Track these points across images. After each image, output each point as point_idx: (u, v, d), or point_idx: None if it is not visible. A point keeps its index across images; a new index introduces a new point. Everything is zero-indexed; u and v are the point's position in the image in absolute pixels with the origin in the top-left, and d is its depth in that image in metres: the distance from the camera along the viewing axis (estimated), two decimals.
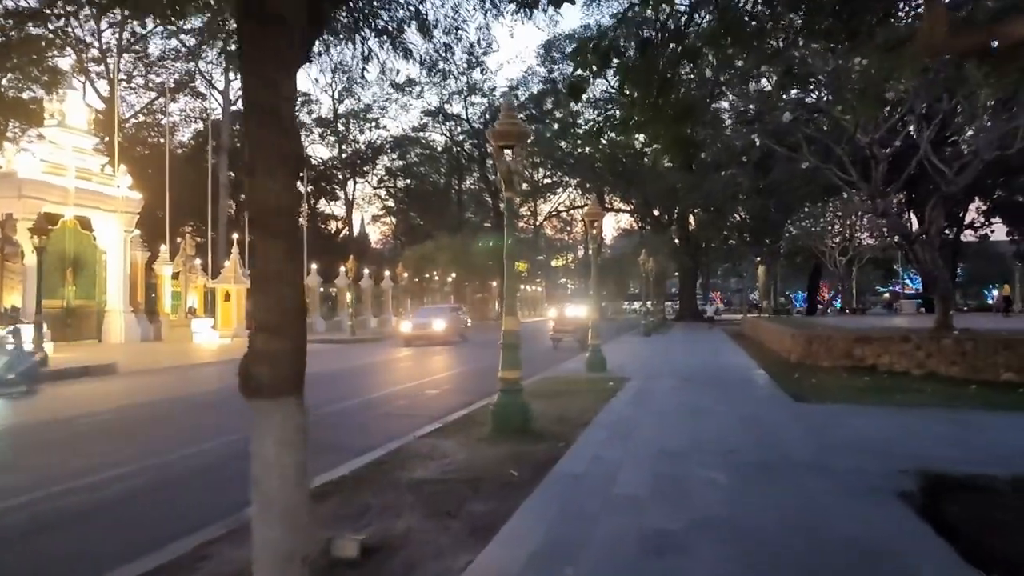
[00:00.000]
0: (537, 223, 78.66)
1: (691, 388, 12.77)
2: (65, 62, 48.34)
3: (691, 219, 56.87)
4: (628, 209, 66.12)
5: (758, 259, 58.00)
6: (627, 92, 5.16)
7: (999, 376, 12.67)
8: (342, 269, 37.54)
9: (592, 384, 12.96)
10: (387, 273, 47.43)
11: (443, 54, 14.56)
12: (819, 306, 54.57)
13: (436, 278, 50.75)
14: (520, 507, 5.15)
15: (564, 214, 77.89)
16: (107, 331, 28.90)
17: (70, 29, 47.74)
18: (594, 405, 10.41)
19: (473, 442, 7.77)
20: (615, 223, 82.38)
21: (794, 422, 8.98)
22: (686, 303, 58.65)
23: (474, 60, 64.05)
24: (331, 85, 64.24)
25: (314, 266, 39.26)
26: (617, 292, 74.86)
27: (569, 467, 6.43)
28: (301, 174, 3.76)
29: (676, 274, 61.26)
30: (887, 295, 75.70)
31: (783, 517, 4.97)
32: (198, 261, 34.31)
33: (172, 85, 52.48)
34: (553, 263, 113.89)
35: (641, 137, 52.85)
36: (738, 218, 53.01)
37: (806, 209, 40.63)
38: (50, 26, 46.54)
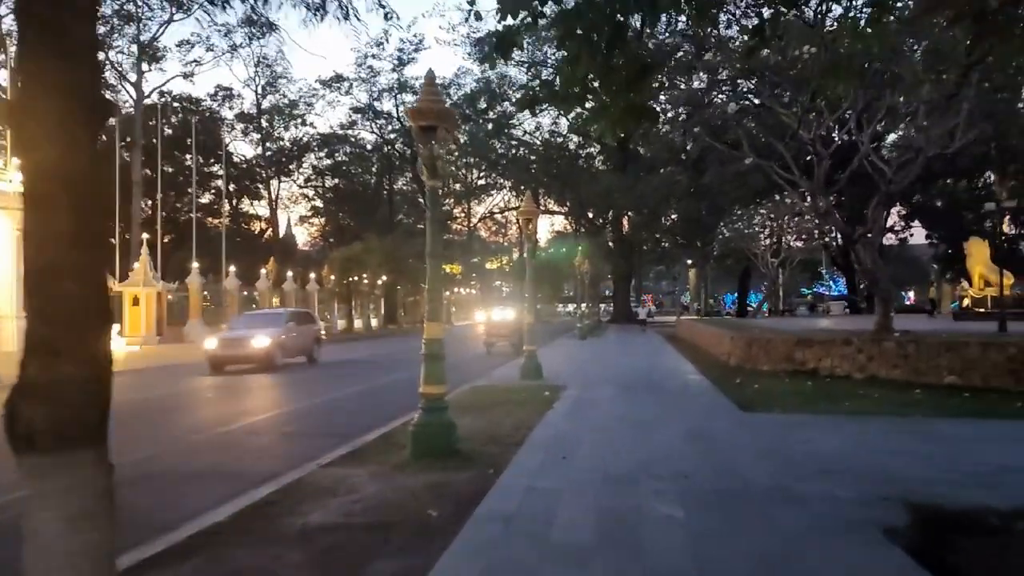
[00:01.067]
0: (471, 225, 77.57)
1: (632, 397, 11.94)
2: None
3: (625, 222, 56.87)
4: (563, 211, 65.79)
5: (690, 262, 58.54)
6: (567, 48, 4.16)
7: (942, 379, 12.29)
8: (263, 271, 35.59)
9: (527, 394, 11.98)
10: (312, 276, 45.54)
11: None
12: (749, 308, 55.35)
13: (366, 281, 49.04)
14: (436, 566, 4.09)
15: (499, 215, 77.11)
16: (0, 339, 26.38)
17: None
18: (529, 419, 9.43)
19: (388, 470, 6.66)
20: (550, 225, 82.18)
21: (746, 436, 8.20)
22: (620, 306, 58.62)
23: (405, 57, 62.92)
24: (254, 79, 61.73)
25: (232, 268, 37.19)
26: (552, 294, 74.54)
27: (499, 504, 5.39)
28: (101, 129, 2.64)
29: (610, 276, 61.23)
30: (810, 297, 77.79)
31: (759, 568, 4.07)
32: None
33: None
34: (488, 266, 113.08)
35: (575, 138, 52.26)
36: (671, 220, 53.26)
37: (738, 212, 40.86)
38: None
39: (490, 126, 58.89)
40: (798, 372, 14.37)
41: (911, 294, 76.17)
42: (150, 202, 58.41)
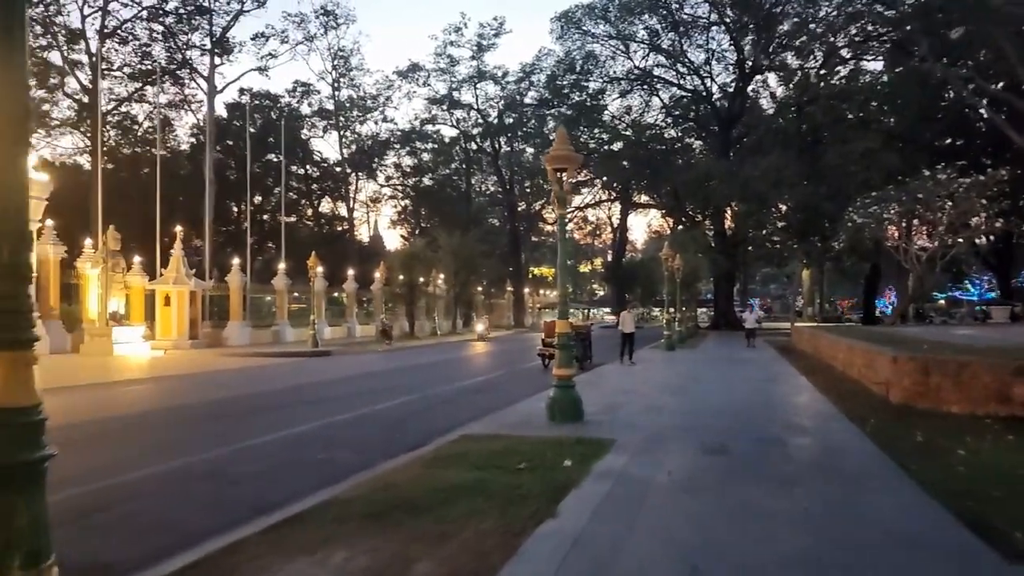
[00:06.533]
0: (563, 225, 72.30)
1: (728, 478, 6.43)
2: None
3: (728, 214, 50.15)
4: (655, 203, 59.47)
5: (805, 260, 51.04)
6: None
7: None
8: (349, 272, 31.52)
9: (537, 460, 6.73)
10: (400, 277, 41.87)
11: None
12: (881, 313, 47.24)
13: (441, 281, 44.70)
14: None
15: (591, 216, 71.39)
16: None
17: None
18: (501, 545, 4.23)
19: None
20: (646, 225, 76.03)
21: None
22: (721, 310, 51.85)
23: (484, 43, 58.55)
24: (330, 72, 58.81)
25: (320, 269, 33.53)
26: (645, 298, 68.44)
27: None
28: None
29: (711, 279, 54.47)
30: (942, 301, 67.59)
31: None
32: (138, 259, 28.81)
33: (153, 67, 47.37)
34: (581, 268, 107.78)
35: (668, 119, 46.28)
36: (782, 211, 46.22)
37: (865, 200, 33.68)
38: (31, 12, 42.29)
39: (571, 113, 53.36)
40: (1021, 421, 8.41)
41: None
42: (232, 203, 57.23)
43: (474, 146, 65.00)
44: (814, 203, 39.16)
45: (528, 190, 65.44)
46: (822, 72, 47.23)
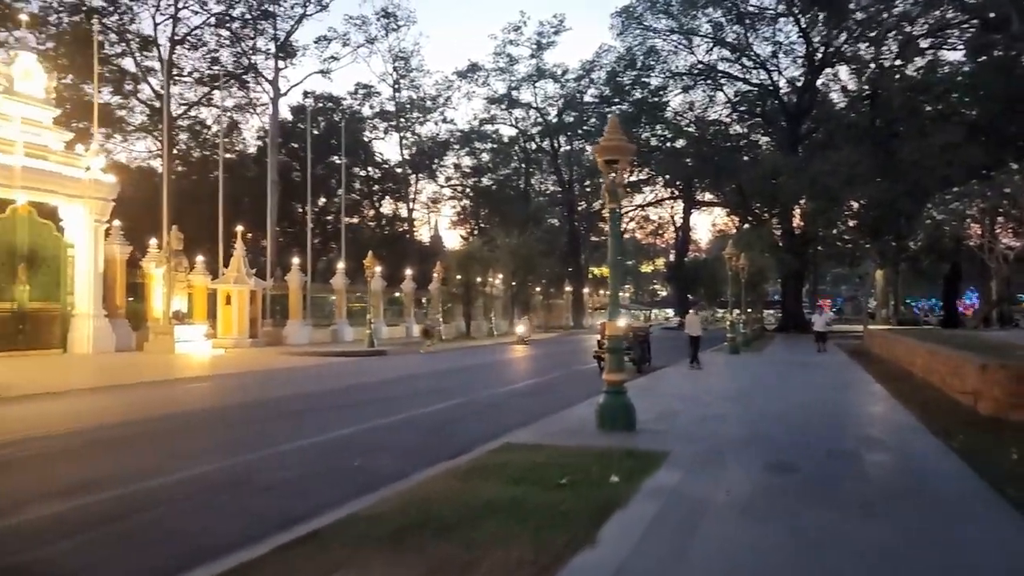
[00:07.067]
0: (623, 225, 71.22)
1: (796, 500, 5.75)
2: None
3: (796, 213, 48.28)
4: (719, 202, 57.82)
5: (879, 260, 48.76)
6: None
7: None
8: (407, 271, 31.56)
9: (580, 474, 6.18)
10: (459, 277, 41.89)
11: None
12: (964, 316, 44.62)
13: (499, 280, 44.37)
14: None
15: (653, 215, 69.96)
16: (74, 339, 24.10)
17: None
18: None
19: None
20: (711, 225, 74.25)
21: None
22: (789, 311, 49.99)
23: (544, 41, 58.04)
24: (391, 74, 59.20)
25: (379, 269, 33.73)
26: (709, 299, 66.84)
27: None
28: None
29: (778, 280, 52.59)
30: None
31: None
32: (201, 259, 29.38)
33: (221, 72, 48.56)
34: (643, 268, 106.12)
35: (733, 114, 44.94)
36: (854, 209, 44.20)
37: (949, 195, 31.72)
38: (106, 21, 44.05)
39: (631, 110, 52.28)
40: None
41: None
42: (296, 204, 58.28)
43: (533, 145, 64.56)
44: (889, 200, 37.21)
45: (588, 189, 64.63)
46: (897, 63, 45.00)
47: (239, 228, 30.05)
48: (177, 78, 48.36)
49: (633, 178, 60.15)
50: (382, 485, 6.29)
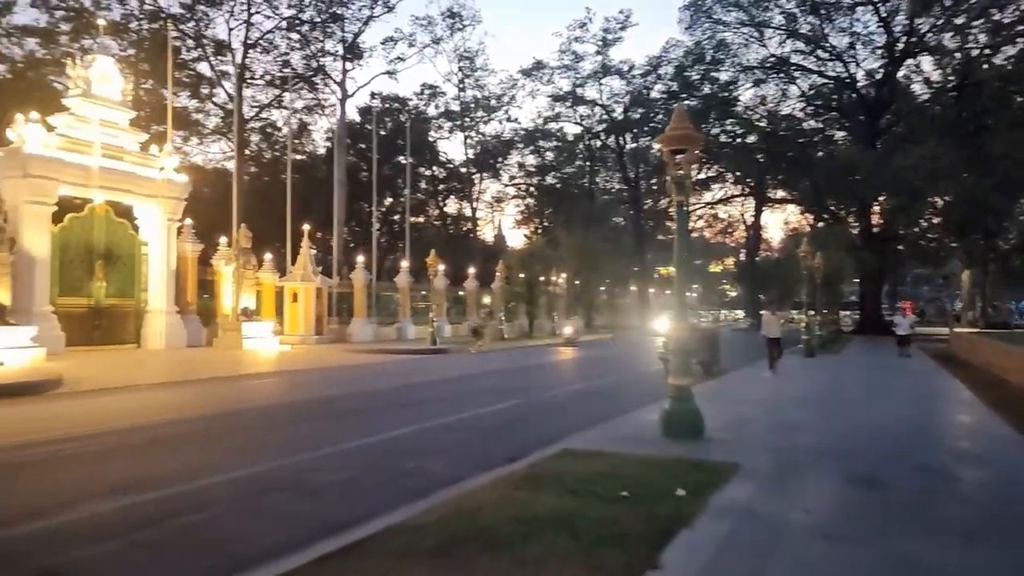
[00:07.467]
0: (691, 224, 69.72)
1: (884, 522, 5.15)
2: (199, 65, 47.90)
3: (875, 210, 46.14)
4: (792, 199, 55.82)
5: (966, 260, 46.13)
6: None
7: None
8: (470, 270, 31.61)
9: (645, 482, 5.73)
10: (522, 276, 41.74)
11: None
12: None
13: (562, 279, 43.86)
14: None
15: (722, 213, 68.10)
16: (147, 334, 24.88)
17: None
18: None
19: None
20: (782, 222, 71.82)
21: None
22: (867, 313, 47.83)
23: (610, 37, 57.24)
24: (456, 73, 59.43)
25: (442, 267, 33.87)
26: (782, 299, 64.74)
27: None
28: None
29: (856, 280, 50.39)
30: None
31: None
32: (269, 257, 29.94)
33: (291, 74, 49.68)
34: (711, 268, 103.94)
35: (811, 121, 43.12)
36: (938, 205, 41.91)
37: None
38: (183, 27, 45.70)
39: (700, 105, 50.91)
40: None
41: None
42: (364, 203, 59.18)
43: (598, 143, 63.78)
44: (977, 196, 35.06)
45: (654, 187, 63.42)
46: (986, 52, 42.42)
47: (306, 227, 30.43)
48: (249, 81, 49.68)
49: (702, 175, 58.72)
50: (433, 491, 5.99)
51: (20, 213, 20.82)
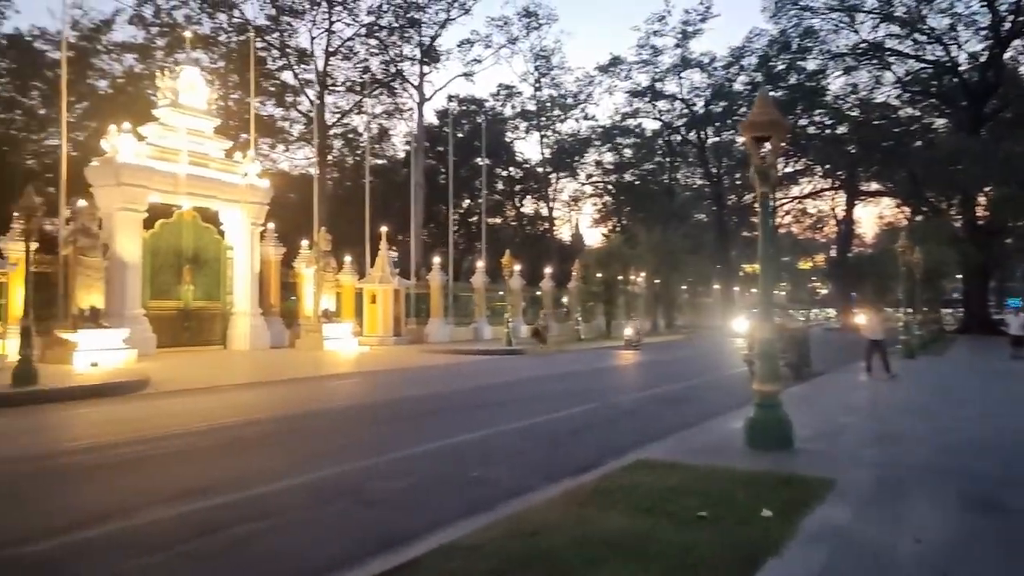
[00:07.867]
0: (777, 219, 67.00)
1: (1011, 554, 4.45)
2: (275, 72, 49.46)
3: (981, 201, 43.06)
4: (887, 191, 52.83)
5: None
6: None
7: None
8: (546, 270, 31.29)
9: (726, 500, 5.19)
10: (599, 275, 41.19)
11: None
12: None
13: (641, 279, 42.93)
14: None
15: (811, 208, 65.22)
16: (232, 336, 25.64)
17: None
18: None
19: None
20: (876, 215, 68.36)
21: None
22: (973, 311, 44.73)
23: (690, 30, 55.74)
24: (532, 73, 59.11)
25: (518, 267, 33.74)
26: (876, 297, 61.53)
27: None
28: None
29: (959, 276, 47.20)
30: None
31: None
32: (349, 259, 30.41)
33: (370, 80, 50.59)
34: (800, 265, 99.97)
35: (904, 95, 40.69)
36: None
37: None
38: (268, 38, 47.33)
39: (787, 95, 48.81)
40: None
41: None
42: (443, 205, 59.78)
43: (678, 138, 62.17)
44: None
45: (738, 182, 61.31)
46: None
47: (383, 229, 30.74)
48: (331, 88, 50.87)
49: (789, 169, 56.33)
50: (496, 503, 5.64)
51: (113, 220, 21.77)
